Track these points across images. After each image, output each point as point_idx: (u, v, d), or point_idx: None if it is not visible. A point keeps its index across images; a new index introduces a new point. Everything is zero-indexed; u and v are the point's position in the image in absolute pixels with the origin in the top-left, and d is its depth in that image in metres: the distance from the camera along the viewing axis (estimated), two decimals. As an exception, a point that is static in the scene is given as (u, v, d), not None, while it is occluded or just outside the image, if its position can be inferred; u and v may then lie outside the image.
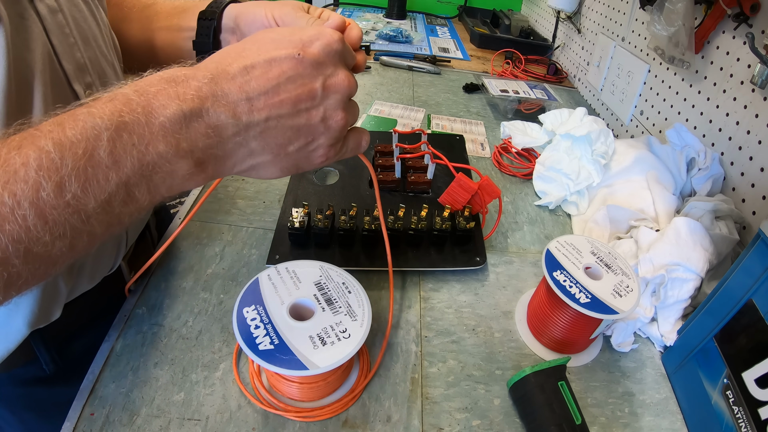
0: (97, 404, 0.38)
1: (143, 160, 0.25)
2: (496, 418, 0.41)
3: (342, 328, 0.36)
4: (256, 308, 0.37)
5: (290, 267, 0.41)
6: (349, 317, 0.37)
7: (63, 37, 0.38)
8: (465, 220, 0.54)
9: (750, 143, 0.56)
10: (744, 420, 0.35)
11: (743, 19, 0.57)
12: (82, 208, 0.24)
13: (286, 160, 0.30)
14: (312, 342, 0.35)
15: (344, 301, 0.38)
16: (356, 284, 0.40)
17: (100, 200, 0.24)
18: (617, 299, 0.41)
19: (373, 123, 0.87)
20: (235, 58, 0.28)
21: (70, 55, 0.39)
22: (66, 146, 0.23)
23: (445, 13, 1.71)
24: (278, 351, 0.34)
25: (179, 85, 0.26)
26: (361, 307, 0.38)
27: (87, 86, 0.40)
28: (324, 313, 0.37)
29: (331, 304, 0.38)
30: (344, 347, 0.35)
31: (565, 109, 0.77)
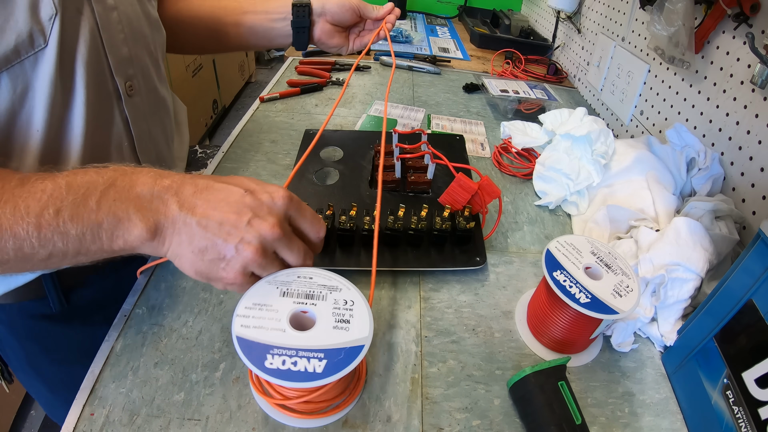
0: (97, 404, 0.38)
1: (116, 213, 0.32)
2: (496, 418, 0.41)
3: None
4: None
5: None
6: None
7: (113, 32, 0.43)
8: (465, 220, 0.54)
9: (750, 143, 0.56)
10: (744, 420, 0.35)
11: (743, 19, 0.57)
12: (65, 233, 0.31)
13: (200, 264, 0.34)
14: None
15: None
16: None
17: (78, 232, 0.32)
18: (617, 299, 0.41)
19: (373, 123, 0.87)
20: (208, 178, 0.35)
21: (116, 49, 0.44)
22: (73, 187, 0.32)
23: (445, 13, 1.71)
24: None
25: (163, 177, 0.34)
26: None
27: (128, 78, 0.46)
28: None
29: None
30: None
31: (565, 109, 0.77)
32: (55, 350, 0.54)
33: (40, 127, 0.39)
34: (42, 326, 0.52)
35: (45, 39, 0.36)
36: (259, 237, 0.33)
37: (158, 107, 0.53)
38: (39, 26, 0.36)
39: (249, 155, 0.73)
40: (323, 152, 0.69)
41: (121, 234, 0.33)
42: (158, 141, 0.54)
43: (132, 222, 0.32)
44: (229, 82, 2.73)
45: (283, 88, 0.96)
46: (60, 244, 0.32)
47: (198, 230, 0.33)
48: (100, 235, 0.32)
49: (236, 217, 0.33)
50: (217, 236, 0.33)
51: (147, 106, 0.50)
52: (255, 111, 0.87)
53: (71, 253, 0.33)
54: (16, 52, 0.35)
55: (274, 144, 0.76)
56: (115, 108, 0.45)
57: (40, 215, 0.31)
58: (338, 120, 0.86)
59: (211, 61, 2.38)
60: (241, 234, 0.33)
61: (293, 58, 1.15)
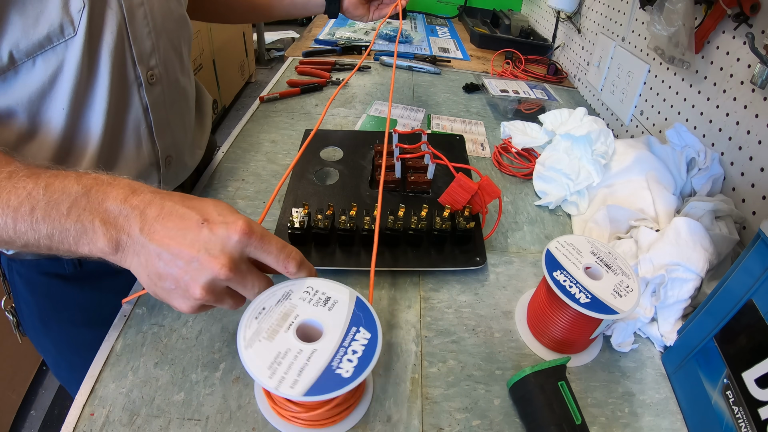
0: (97, 404, 0.38)
1: (83, 223, 0.34)
2: (496, 418, 0.41)
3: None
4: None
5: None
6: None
7: (139, 26, 0.47)
8: (465, 220, 0.54)
9: (750, 143, 0.56)
10: (744, 420, 0.35)
11: (743, 19, 0.57)
12: (37, 230, 0.34)
13: (155, 289, 0.35)
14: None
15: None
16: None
17: (48, 231, 0.34)
18: (617, 299, 0.41)
19: (373, 123, 0.87)
20: (177, 200, 0.35)
21: (140, 42, 0.47)
22: (49, 190, 0.34)
23: (445, 13, 1.71)
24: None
25: (135, 193, 0.35)
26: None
27: (150, 68, 0.49)
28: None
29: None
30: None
31: (565, 109, 0.77)
32: (64, 310, 0.58)
33: (65, 105, 0.43)
34: (55, 284, 0.56)
35: (74, 29, 0.41)
36: (206, 275, 0.33)
37: (178, 97, 0.56)
38: (69, 17, 0.40)
39: (249, 155, 0.73)
40: (323, 152, 0.69)
41: (86, 243, 0.34)
42: (176, 128, 0.56)
43: (96, 234, 0.34)
44: (229, 82, 2.73)
45: (283, 88, 0.96)
46: (32, 238, 0.34)
47: (154, 258, 0.34)
48: (68, 239, 0.34)
49: (189, 251, 0.33)
50: (170, 267, 0.33)
51: (167, 95, 0.53)
52: (255, 111, 0.87)
53: (44, 248, 0.35)
54: (48, 39, 0.40)
55: (274, 144, 0.76)
56: (136, 94, 0.49)
57: (17, 209, 0.33)
58: (338, 120, 0.86)
59: (211, 61, 2.38)
60: (190, 272, 0.33)
61: (293, 58, 1.15)
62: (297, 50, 1.19)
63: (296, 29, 3.83)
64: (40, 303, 0.57)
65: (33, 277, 0.56)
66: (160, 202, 0.34)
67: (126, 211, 0.34)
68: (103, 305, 0.47)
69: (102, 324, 0.46)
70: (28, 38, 0.39)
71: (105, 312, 0.46)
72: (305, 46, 1.23)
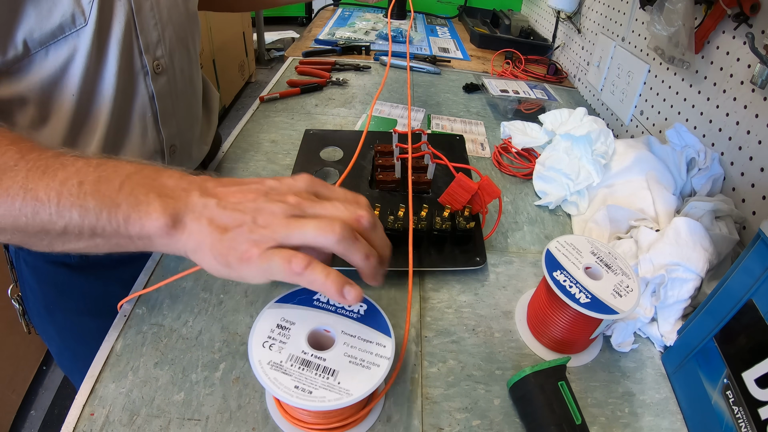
0: (97, 404, 0.38)
1: (137, 196, 0.32)
2: (496, 418, 0.41)
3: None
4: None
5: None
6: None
7: (146, 17, 0.49)
8: (465, 220, 0.54)
9: (750, 143, 0.56)
10: (744, 420, 0.35)
11: (743, 19, 0.57)
12: (83, 206, 0.31)
13: (221, 245, 0.31)
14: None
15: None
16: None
17: (96, 207, 0.31)
18: (617, 299, 0.41)
19: (373, 123, 0.87)
20: (233, 180, 0.35)
21: (147, 32, 0.49)
22: (101, 166, 0.33)
23: (445, 13, 1.71)
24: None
25: (189, 174, 0.35)
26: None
27: (156, 58, 0.51)
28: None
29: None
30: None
31: (565, 109, 0.77)
32: (69, 298, 0.59)
33: (75, 91, 0.45)
34: (61, 273, 0.57)
35: (85, 18, 0.43)
36: (280, 197, 0.33)
37: (185, 88, 0.58)
38: (80, 8, 0.42)
39: (249, 155, 0.73)
40: (323, 152, 0.69)
41: (138, 218, 0.32)
42: (181, 118, 0.58)
43: (151, 206, 0.32)
44: (229, 82, 2.73)
45: (283, 88, 0.96)
46: (76, 216, 0.32)
47: (218, 210, 0.32)
48: (117, 216, 0.32)
49: (255, 195, 0.33)
50: (236, 210, 0.32)
51: (173, 86, 0.55)
52: (255, 111, 0.87)
53: (87, 231, 0.32)
54: (61, 29, 0.42)
55: (274, 144, 0.76)
56: (142, 83, 0.51)
57: (64, 183, 0.32)
58: (338, 120, 0.86)
59: (211, 61, 2.38)
60: (259, 202, 0.33)
61: (293, 58, 1.15)
62: (297, 50, 1.19)
63: (296, 29, 3.83)
64: (45, 291, 0.59)
65: (39, 265, 0.57)
66: (218, 178, 0.35)
67: (183, 184, 0.33)
68: (109, 295, 0.48)
69: (106, 314, 0.46)
70: (41, 28, 0.41)
71: (110, 302, 0.47)
72: (305, 46, 1.23)
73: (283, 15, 4.02)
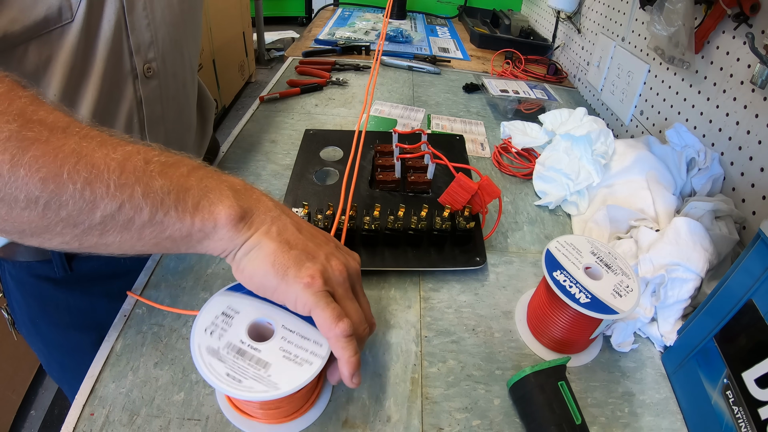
0: (97, 404, 0.38)
1: (207, 184, 0.31)
2: (496, 418, 0.41)
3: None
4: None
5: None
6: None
7: (138, 17, 0.45)
8: (465, 220, 0.54)
9: (750, 143, 0.56)
10: (744, 420, 0.35)
11: (743, 19, 0.57)
12: (148, 184, 0.29)
13: (283, 256, 0.32)
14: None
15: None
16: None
17: (163, 187, 0.29)
18: (617, 299, 0.41)
19: (373, 123, 0.87)
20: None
21: (139, 32, 0.46)
22: (167, 154, 0.31)
23: (445, 13, 1.71)
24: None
25: (249, 190, 0.35)
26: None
27: (147, 61, 0.48)
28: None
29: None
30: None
31: (565, 109, 0.77)
32: (54, 313, 0.57)
33: (57, 92, 0.42)
34: (45, 288, 0.55)
35: (72, 14, 0.39)
36: (343, 261, 0.35)
37: (176, 93, 0.55)
38: (68, 2, 0.39)
39: (249, 155, 0.73)
40: (323, 152, 0.69)
41: (208, 204, 0.30)
42: (170, 125, 0.55)
43: (224, 194, 0.31)
44: (229, 82, 2.73)
45: (283, 88, 0.96)
46: (139, 195, 0.28)
47: (291, 227, 0.33)
48: (186, 200, 0.30)
49: (324, 238, 0.35)
50: (308, 240, 0.33)
51: (164, 90, 0.52)
52: (255, 111, 0.87)
53: (144, 219, 0.29)
54: (45, 22, 0.38)
55: (274, 144, 0.76)
56: (130, 87, 0.48)
57: (128, 158, 0.29)
58: (338, 120, 0.86)
59: (211, 61, 2.38)
60: (330, 249, 0.34)
61: (293, 58, 1.15)
62: (297, 50, 1.19)
63: (296, 29, 3.83)
64: (30, 304, 0.57)
65: (24, 279, 0.55)
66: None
67: (251, 189, 0.33)
68: (95, 309, 0.47)
69: (92, 328, 0.45)
70: (24, 19, 0.37)
71: (96, 317, 0.46)
72: (305, 46, 1.23)
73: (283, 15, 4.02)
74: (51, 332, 0.59)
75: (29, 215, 0.27)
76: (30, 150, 0.26)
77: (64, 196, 0.27)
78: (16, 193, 0.26)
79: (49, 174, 0.26)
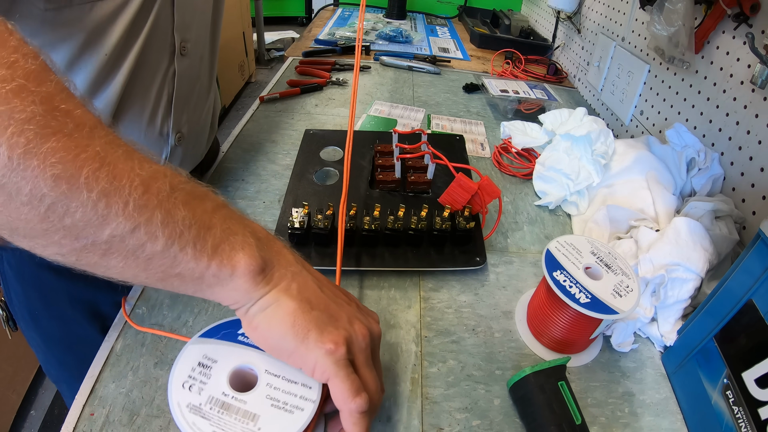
0: (97, 404, 0.38)
1: (230, 227, 0.29)
2: (496, 418, 0.41)
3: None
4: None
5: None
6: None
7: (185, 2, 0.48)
8: (465, 220, 0.54)
9: (750, 143, 0.56)
10: (744, 420, 0.35)
11: (743, 19, 0.57)
12: (171, 212, 0.26)
13: (303, 317, 0.30)
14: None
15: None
16: None
17: (186, 219, 0.27)
18: (617, 299, 0.41)
19: (373, 123, 0.87)
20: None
21: (183, 10, 0.49)
22: (193, 183, 0.29)
23: (445, 13, 1.71)
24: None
25: (271, 241, 0.33)
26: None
27: (183, 40, 0.50)
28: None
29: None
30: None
31: (565, 109, 0.77)
32: (55, 304, 0.55)
33: (108, 51, 0.43)
34: (46, 277, 0.53)
35: None
36: (366, 324, 0.33)
37: (200, 76, 0.57)
38: None
39: (249, 155, 0.73)
40: (323, 152, 0.69)
41: (229, 249, 0.28)
42: (193, 105, 0.57)
43: (247, 242, 0.29)
44: (229, 82, 2.73)
45: (283, 88, 0.96)
46: (158, 220, 0.26)
47: (312, 286, 0.31)
48: (206, 238, 0.27)
49: (346, 298, 0.34)
50: (330, 300, 0.32)
51: (193, 70, 0.55)
52: (255, 111, 0.87)
53: (156, 249, 0.26)
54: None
55: (274, 144, 0.76)
56: (166, 61, 0.50)
57: (154, 178, 0.26)
58: (338, 120, 0.86)
59: (211, 61, 2.37)
60: (352, 310, 0.33)
61: (293, 58, 1.15)
62: (297, 50, 1.19)
63: (296, 29, 3.83)
64: (30, 295, 0.55)
65: (24, 268, 0.53)
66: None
67: (272, 239, 0.31)
68: (98, 302, 0.45)
69: (95, 320, 0.43)
70: None
71: (99, 309, 0.44)
72: (305, 46, 1.23)
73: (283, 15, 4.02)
74: (51, 326, 0.58)
75: (28, 213, 0.23)
76: (49, 140, 0.23)
77: (74, 203, 0.24)
78: (21, 183, 0.22)
79: (65, 173, 0.23)
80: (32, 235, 0.25)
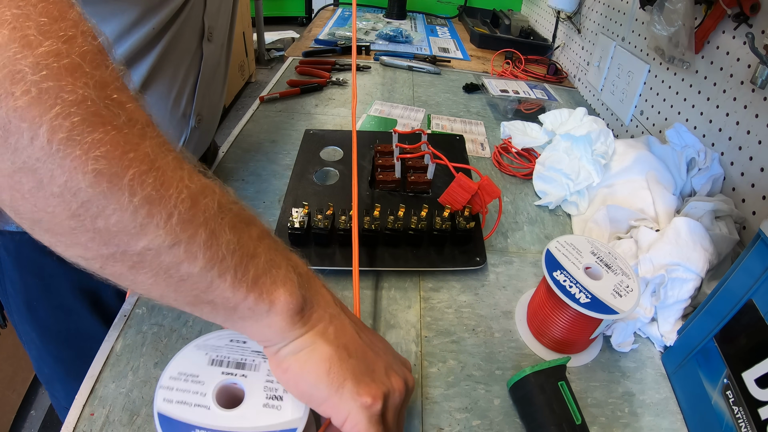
0: (97, 404, 0.38)
1: (272, 258, 0.27)
2: (496, 418, 0.41)
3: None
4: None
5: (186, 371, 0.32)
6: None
7: None
8: (465, 220, 0.54)
9: (750, 143, 0.56)
10: (744, 420, 0.35)
11: (743, 19, 0.57)
12: (216, 233, 0.24)
13: (340, 364, 0.28)
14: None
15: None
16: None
17: (231, 243, 0.25)
18: (617, 299, 0.41)
19: (373, 123, 0.87)
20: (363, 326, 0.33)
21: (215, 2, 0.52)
22: (240, 206, 0.27)
23: (445, 13, 1.71)
24: None
25: (312, 278, 0.31)
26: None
27: (210, 26, 0.53)
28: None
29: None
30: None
31: (565, 109, 0.77)
32: (55, 292, 0.52)
33: (156, 26, 0.44)
34: (47, 263, 0.49)
35: None
36: (402, 377, 0.32)
37: (220, 62, 0.60)
38: None
39: (249, 155, 0.73)
40: (323, 152, 0.69)
41: (271, 282, 0.26)
42: (212, 90, 0.59)
43: (288, 277, 0.27)
44: (229, 82, 2.73)
45: (283, 88, 0.96)
46: (201, 239, 0.23)
47: (350, 331, 0.29)
48: (248, 268, 0.25)
49: (383, 345, 0.33)
50: (368, 347, 0.30)
51: (215, 57, 0.57)
52: (255, 111, 0.87)
53: (192, 271, 0.24)
54: None
55: (274, 144, 0.76)
56: (195, 43, 0.52)
57: (203, 193, 0.24)
58: (338, 120, 0.86)
59: (211, 61, 2.38)
60: (389, 360, 0.31)
61: (293, 58, 1.15)
62: (297, 50, 1.19)
63: (296, 29, 3.83)
64: (28, 283, 0.52)
65: (24, 253, 0.50)
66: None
67: (313, 276, 0.30)
68: (102, 290, 0.43)
69: (97, 311, 0.42)
70: None
71: (104, 298, 0.42)
72: (305, 46, 1.23)
73: (283, 15, 4.02)
74: (49, 317, 0.55)
75: (57, 206, 0.21)
76: (97, 130, 0.20)
77: (112, 205, 0.21)
78: (56, 172, 0.20)
79: (108, 170, 0.20)
80: (56, 231, 0.22)
